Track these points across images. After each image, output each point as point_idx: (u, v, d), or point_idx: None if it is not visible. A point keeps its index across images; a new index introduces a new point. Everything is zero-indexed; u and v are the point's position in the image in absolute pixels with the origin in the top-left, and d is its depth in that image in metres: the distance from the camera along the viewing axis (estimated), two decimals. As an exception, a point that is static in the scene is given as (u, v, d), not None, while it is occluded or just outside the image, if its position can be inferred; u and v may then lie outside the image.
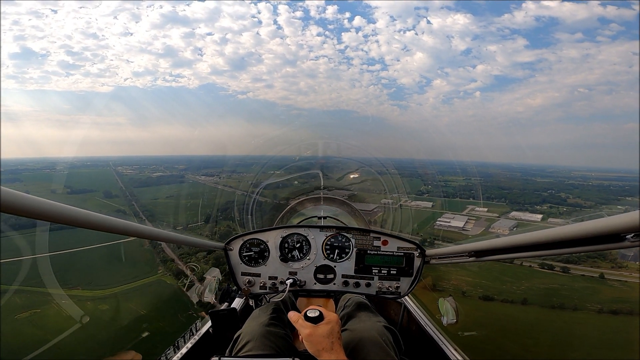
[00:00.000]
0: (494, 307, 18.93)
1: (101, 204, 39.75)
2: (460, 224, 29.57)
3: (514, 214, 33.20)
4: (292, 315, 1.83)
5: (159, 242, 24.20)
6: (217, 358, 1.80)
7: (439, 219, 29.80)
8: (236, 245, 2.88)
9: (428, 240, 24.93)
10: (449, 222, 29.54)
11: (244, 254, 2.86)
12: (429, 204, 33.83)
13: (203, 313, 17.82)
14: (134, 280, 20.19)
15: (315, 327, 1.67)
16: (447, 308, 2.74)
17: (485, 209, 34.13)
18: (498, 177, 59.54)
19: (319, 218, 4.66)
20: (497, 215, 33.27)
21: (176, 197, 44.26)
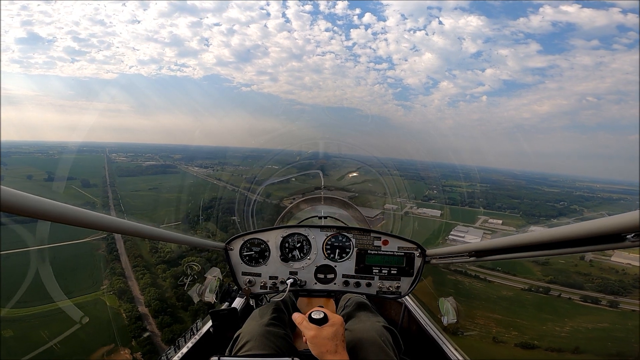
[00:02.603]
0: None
1: (75, 194, 35.76)
2: (477, 239, 24.72)
3: (532, 228, 28.60)
4: (297, 317, 1.74)
5: (116, 249, 20.02)
6: (216, 358, 1.67)
7: (451, 231, 25.03)
8: (237, 245, 2.74)
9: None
10: (463, 236, 24.72)
11: (245, 253, 2.73)
12: (437, 212, 29.51)
13: (139, 355, 13.45)
14: (66, 298, 15.00)
15: (319, 329, 1.61)
16: (448, 308, 2.55)
17: (500, 221, 29.44)
18: (503, 185, 56.53)
19: (320, 218, 4.38)
20: (514, 229, 28.87)
21: (160, 190, 39.84)
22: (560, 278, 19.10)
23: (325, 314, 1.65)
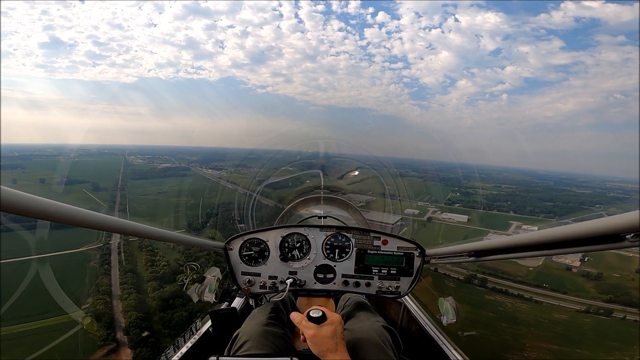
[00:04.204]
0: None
1: (84, 198, 34.71)
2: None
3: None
4: (295, 316, 1.69)
5: (109, 261, 18.35)
6: (215, 358, 1.62)
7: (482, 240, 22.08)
8: (236, 245, 2.66)
9: (479, 274, 17.15)
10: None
11: (244, 253, 2.65)
12: (464, 218, 26.45)
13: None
14: (40, 318, 12.89)
15: (319, 327, 1.56)
16: (447, 308, 2.52)
17: (536, 228, 26.02)
18: (530, 185, 52.94)
19: (319, 218, 4.35)
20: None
21: (168, 194, 38.36)
22: (621, 296, 15.94)
23: (323, 312, 1.61)
